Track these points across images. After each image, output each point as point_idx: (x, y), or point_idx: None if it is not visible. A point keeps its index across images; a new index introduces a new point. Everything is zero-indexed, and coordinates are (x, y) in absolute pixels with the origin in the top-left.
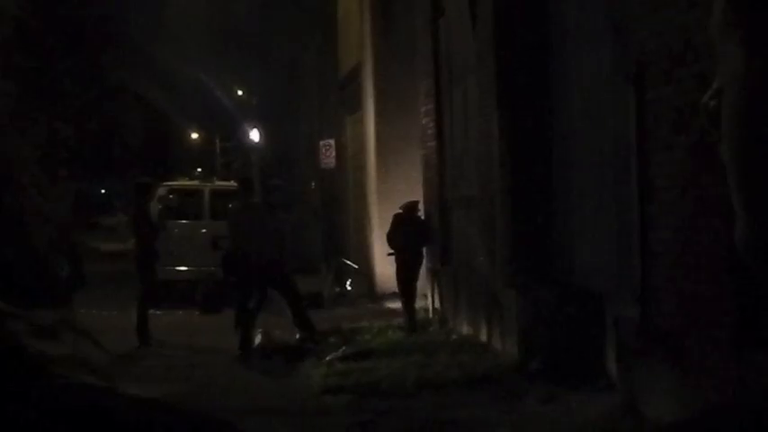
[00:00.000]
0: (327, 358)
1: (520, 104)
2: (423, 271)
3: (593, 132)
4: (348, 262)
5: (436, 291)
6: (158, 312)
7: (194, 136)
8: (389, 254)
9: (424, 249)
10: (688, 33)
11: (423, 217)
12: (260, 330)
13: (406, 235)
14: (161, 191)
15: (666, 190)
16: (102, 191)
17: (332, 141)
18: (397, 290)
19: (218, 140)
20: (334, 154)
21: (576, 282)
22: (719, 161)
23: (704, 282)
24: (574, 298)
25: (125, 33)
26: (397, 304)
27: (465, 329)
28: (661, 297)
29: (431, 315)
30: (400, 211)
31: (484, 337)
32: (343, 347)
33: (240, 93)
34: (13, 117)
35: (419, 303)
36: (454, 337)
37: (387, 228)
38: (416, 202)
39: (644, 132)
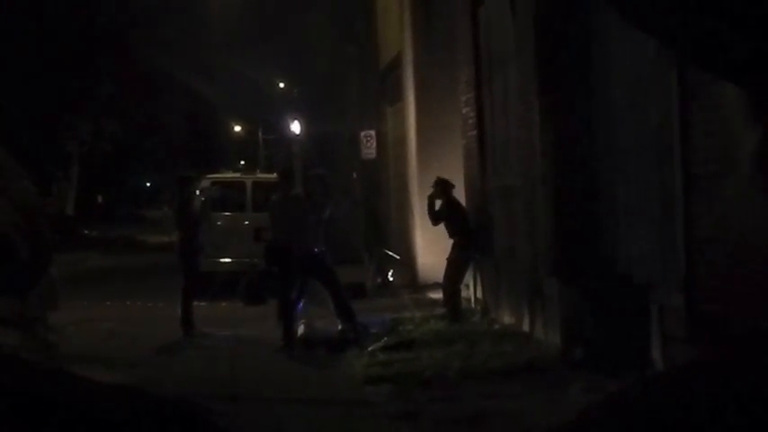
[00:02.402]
0: (369, 348)
1: (561, 91)
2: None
3: (635, 118)
4: (390, 252)
5: (478, 280)
6: (202, 304)
7: (237, 129)
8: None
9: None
10: None
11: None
12: (302, 321)
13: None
14: (204, 183)
15: (711, 176)
16: (148, 184)
17: (373, 132)
18: (438, 280)
19: (260, 133)
20: (375, 144)
21: (619, 270)
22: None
23: (749, 267)
24: (617, 287)
25: (167, 28)
26: (439, 294)
27: (507, 319)
28: (706, 284)
29: (473, 305)
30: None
31: (526, 327)
32: (385, 338)
33: (281, 85)
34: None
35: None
36: (496, 326)
37: (428, 218)
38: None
39: (687, 117)
